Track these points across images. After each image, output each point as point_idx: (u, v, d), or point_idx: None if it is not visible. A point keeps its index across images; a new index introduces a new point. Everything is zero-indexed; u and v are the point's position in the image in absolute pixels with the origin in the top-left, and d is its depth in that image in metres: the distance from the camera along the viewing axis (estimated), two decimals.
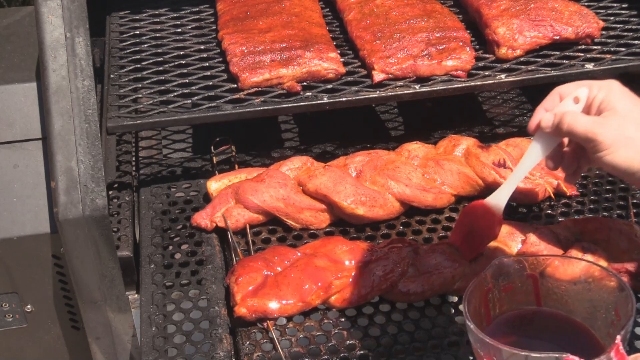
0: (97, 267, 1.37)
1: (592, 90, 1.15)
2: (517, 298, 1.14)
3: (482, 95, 2.00)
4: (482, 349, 1.01)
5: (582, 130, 1.11)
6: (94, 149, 1.35)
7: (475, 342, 1.03)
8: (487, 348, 0.99)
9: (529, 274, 1.13)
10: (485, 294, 1.11)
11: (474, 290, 1.08)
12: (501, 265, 1.12)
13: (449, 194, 1.50)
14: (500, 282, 1.12)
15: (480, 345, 1.01)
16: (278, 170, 1.50)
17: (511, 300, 1.13)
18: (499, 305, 1.13)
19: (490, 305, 1.12)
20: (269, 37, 1.60)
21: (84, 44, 1.40)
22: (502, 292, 1.13)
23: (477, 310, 1.08)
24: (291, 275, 1.28)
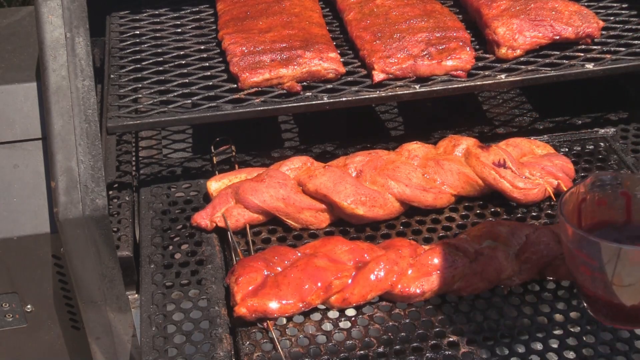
0: (97, 267, 1.37)
1: None
2: (610, 212, 1.17)
3: (482, 95, 2.00)
4: (580, 246, 1.04)
5: None
6: (94, 149, 1.35)
7: (570, 242, 1.06)
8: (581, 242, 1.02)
9: (623, 192, 1.16)
10: (578, 204, 1.14)
11: (569, 197, 1.12)
12: (598, 178, 1.15)
13: (449, 194, 1.50)
14: (595, 194, 1.15)
15: (576, 244, 1.04)
16: (278, 170, 1.50)
17: (603, 213, 1.16)
18: (591, 217, 1.15)
19: (582, 215, 1.15)
20: (269, 37, 1.60)
21: (84, 44, 1.40)
22: (596, 204, 1.15)
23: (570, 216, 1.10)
24: (291, 275, 1.28)
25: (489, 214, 1.50)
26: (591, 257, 1.03)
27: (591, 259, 1.03)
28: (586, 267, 1.05)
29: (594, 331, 1.25)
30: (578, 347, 1.23)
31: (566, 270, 1.33)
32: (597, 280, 1.06)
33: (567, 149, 1.68)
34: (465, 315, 1.29)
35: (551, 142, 1.67)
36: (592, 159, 1.65)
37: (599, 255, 1.02)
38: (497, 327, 1.27)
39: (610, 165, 1.62)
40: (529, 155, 1.57)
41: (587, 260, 1.04)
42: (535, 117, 1.88)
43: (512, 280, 1.33)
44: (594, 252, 1.03)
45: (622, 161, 1.63)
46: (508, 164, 1.48)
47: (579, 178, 1.58)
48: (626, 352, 1.22)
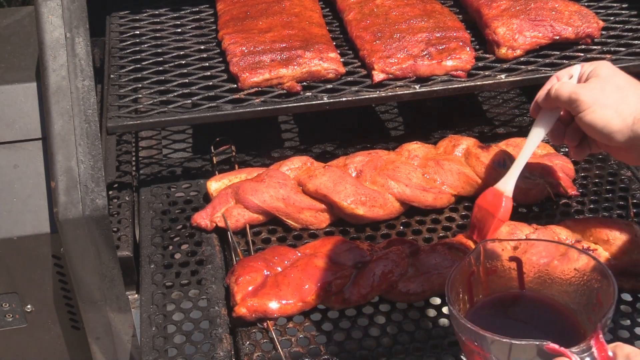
0: (97, 267, 1.37)
1: (584, 67, 1.26)
2: (501, 281, 1.14)
3: (482, 95, 2.00)
4: (465, 335, 1.00)
5: (566, 93, 1.21)
6: (94, 149, 1.35)
7: (457, 329, 1.02)
8: (470, 334, 0.99)
9: (513, 257, 1.14)
10: (468, 278, 1.11)
11: (457, 274, 1.08)
12: (485, 248, 1.13)
13: (449, 194, 1.50)
14: (484, 265, 1.13)
15: (462, 331, 1.01)
16: (278, 170, 1.50)
17: (495, 283, 1.14)
18: (483, 289, 1.13)
19: (474, 289, 1.12)
20: (269, 37, 1.60)
21: (84, 44, 1.40)
22: (486, 275, 1.13)
23: (460, 295, 1.08)
24: (291, 275, 1.28)
25: None
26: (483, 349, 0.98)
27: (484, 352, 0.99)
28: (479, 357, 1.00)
29: None
30: None
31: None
32: None
33: (567, 149, 1.67)
34: None
35: (551, 142, 1.67)
36: (592, 159, 1.65)
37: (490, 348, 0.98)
38: None
39: (610, 165, 1.63)
40: None
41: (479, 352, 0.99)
42: None
43: None
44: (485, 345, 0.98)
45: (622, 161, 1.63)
46: (508, 164, 1.48)
47: (579, 178, 1.59)
48: None
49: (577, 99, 1.19)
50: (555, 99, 1.23)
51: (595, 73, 1.22)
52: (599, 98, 1.17)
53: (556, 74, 1.29)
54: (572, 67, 1.27)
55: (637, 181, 1.58)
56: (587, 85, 1.21)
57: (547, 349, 0.92)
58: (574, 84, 1.23)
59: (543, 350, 0.92)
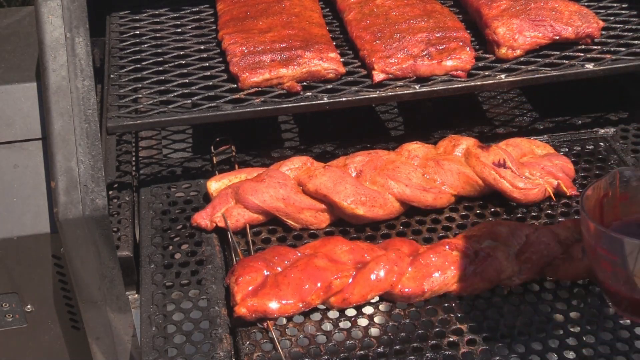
0: (97, 267, 1.37)
1: None
2: (632, 208, 1.15)
3: (482, 95, 2.00)
4: (601, 242, 1.03)
5: None
6: (94, 149, 1.35)
7: (592, 238, 1.05)
8: (602, 239, 1.02)
9: None
10: (600, 201, 1.13)
11: (591, 193, 1.10)
12: (620, 173, 1.14)
13: (449, 194, 1.50)
14: (617, 190, 1.14)
15: (597, 240, 1.04)
16: (278, 170, 1.50)
17: (626, 209, 1.15)
18: (613, 213, 1.14)
19: (604, 211, 1.13)
20: (269, 37, 1.60)
21: (84, 44, 1.40)
22: (618, 200, 1.14)
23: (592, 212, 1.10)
24: (291, 275, 1.28)
25: (489, 214, 1.50)
26: (612, 252, 1.03)
27: (612, 255, 1.03)
28: (607, 263, 1.05)
29: (593, 331, 1.25)
30: (578, 347, 1.23)
31: (566, 270, 1.33)
32: (618, 276, 1.06)
33: (567, 149, 1.68)
34: (465, 315, 1.29)
35: (551, 142, 1.67)
36: (592, 159, 1.65)
37: (621, 251, 1.02)
38: (497, 327, 1.27)
39: (610, 165, 1.63)
40: (529, 155, 1.57)
41: (608, 256, 1.04)
42: (535, 117, 1.88)
43: (512, 280, 1.33)
44: (615, 248, 1.02)
45: (622, 161, 1.63)
46: (508, 164, 1.48)
47: (579, 178, 1.59)
48: (626, 352, 1.22)
49: None
50: None
51: None
52: None
53: None
54: None
55: None
56: None
57: None
58: None
59: None
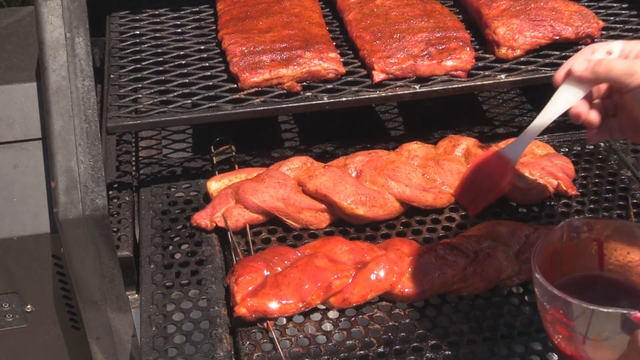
0: (97, 267, 1.37)
1: (626, 45, 1.15)
2: (582, 261, 1.13)
3: (482, 95, 2.00)
4: (550, 303, 1.01)
5: (621, 68, 1.09)
6: (94, 149, 1.35)
7: (542, 296, 1.03)
8: (555, 302, 0.99)
9: (595, 237, 1.12)
10: (551, 254, 1.10)
11: (542, 248, 1.08)
12: (569, 226, 1.12)
13: (449, 194, 1.50)
14: (567, 243, 1.12)
15: (548, 299, 1.01)
16: (278, 170, 1.50)
17: (575, 262, 1.13)
18: (564, 267, 1.12)
19: (555, 266, 1.11)
20: (269, 37, 1.60)
21: (84, 44, 1.40)
22: (568, 253, 1.12)
23: (542, 269, 1.07)
24: (291, 275, 1.28)
25: (489, 214, 1.50)
26: (567, 316, 1.00)
27: (567, 319, 1.00)
28: (562, 326, 1.02)
29: None
30: None
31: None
32: (573, 340, 1.02)
33: (567, 149, 1.68)
34: (465, 315, 1.29)
35: (551, 142, 1.67)
36: (592, 159, 1.65)
37: (574, 315, 0.99)
38: (497, 327, 1.27)
39: (611, 165, 1.63)
40: (529, 155, 1.57)
41: (562, 320, 1.00)
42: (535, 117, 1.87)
43: (512, 280, 1.33)
44: (568, 312, 0.99)
45: (622, 161, 1.63)
46: None
47: (579, 178, 1.59)
48: None
49: (635, 73, 1.07)
50: (605, 73, 1.11)
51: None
52: None
53: (590, 46, 1.17)
54: (610, 43, 1.15)
55: (637, 181, 1.58)
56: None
57: (634, 318, 0.92)
58: (626, 61, 1.10)
59: (629, 319, 0.92)
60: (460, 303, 1.32)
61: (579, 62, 1.15)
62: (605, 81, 1.15)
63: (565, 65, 1.18)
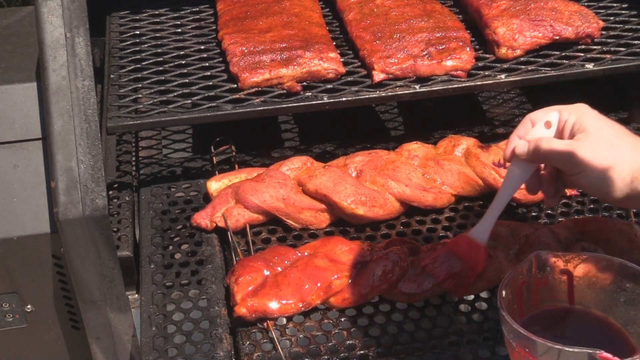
0: (97, 267, 1.37)
1: (562, 115, 1.16)
2: (551, 294, 1.12)
3: (482, 95, 2.00)
4: (516, 341, 1.00)
5: (558, 154, 1.12)
6: (94, 149, 1.35)
7: (508, 333, 1.02)
8: (521, 340, 0.99)
9: (564, 270, 1.12)
10: (519, 287, 1.10)
11: (509, 282, 1.07)
12: (537, 258, 1.11)
13: (449, 194, 1.50)
14: (535, 276, 1.11)
15: (513, 337, 1.01)
16: (278, 170, 1.50)
17: (545, 295, 1.12)
18: (533, 300, 1.11)
19: (524, 299, 1.10)
20: (269, 37, 1.60)
21: (84, 44, 1.40)
22: (537, 286, 1.11)
23: (511, 303, 1.06)
24: (291, 275, 1.28)
25: None
26: (533, 355, 0.99)
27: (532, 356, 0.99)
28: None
29: None
30: None
31: None
32: None
33: None
34: (465, 315, 1.29)
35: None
36: None
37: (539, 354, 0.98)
38: (497, 327, 1.27)
39: None
40: None
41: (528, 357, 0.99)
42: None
43: None
44: (534, 351, 0.98)
45: None
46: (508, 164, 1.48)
47: None
48: None
49: (572, 160, 1.10)
50: (545, 158, 1.15)
51: (582, 127, 1.12)
52: (594, 158, 1.08)
53: (529, 117, 1.19)
54: (548, 114, 1.17)
55: None
56: (579, 144, 1.10)
57: (599, 358, 0.91)
58: (563, 142, 1.12)
59: (595, 359, 0.92)
60: (460, 303, 1.32)
61: (520, 143, 1.17)
62: (547, 163, 1.17)
63: (510, 142, 1.19)
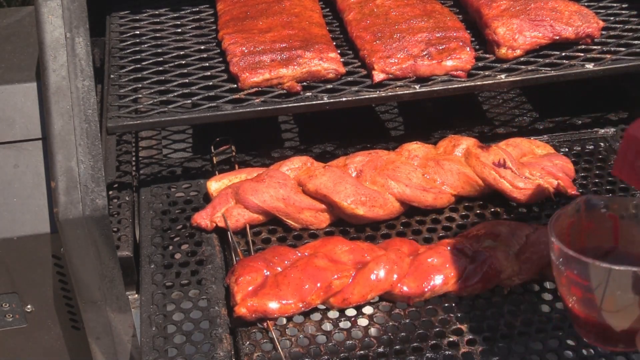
0: (97, 267, 1.37)
1: None
2: (597, 236, 1.15)
3: (482, 95, 2.00)
4: (565, 265, 1.03)
5: None
6: (94, 149, 1.35)
7: (557, 259, 1.05)
8: (570, 263, 1.02)
9: (611, 215, 1.14)
10: (568, 226, 1.12)
11: (559, 217, 1.10)
12: (587, 201, 1.14)
13: (449, 194, 1.50)
14: (583, 217, 1.14)
15: (563, 261, 1.04)
16: (278, 170, 1.50)
17: (591, 237, 1.14)
18: (579, 240, 1.14)
19: (571, 238, 1.13)
20: (269, 37, 1.60)
21: (84, 44, 1.40)
22: (584, 227, 1.14)
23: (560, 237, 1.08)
24: (291, 275, 1.28)
25: (489, 214, 1.50)
26: (582, 277, 1.02)
27: (582, 279, 1.02)
28: (577, 288, 1.04)
29: None
30: (577, 347, 1.23)
31: None
32: (587, 302, 1.05)
33: (567, 149, 1.68)
34: (465, 315, 1.29)
35: (551, 142, 1.67)
36: (592, 159, 1.65)
37: (589, 276, 1.01)
38: (497, 327, 1.27)
39: (610, 165, 1.63)
40: (529, 155, 1.57)
41: (578, 281, 1.03)
42: (535, 117, 1.88)
43: (512, 280, 1.33)
44: (584, 273, 1.02)
45: None
46: (508, 164, 1.48)
47: (579, 178, 1.59)
48: (626, 353, 1.22)
49: None
50: None
51: None
52: None
53: None
54: None
55: None
56: None
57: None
58: None
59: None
60: (460, 303, 1.32)
61: None
62: None
63: None
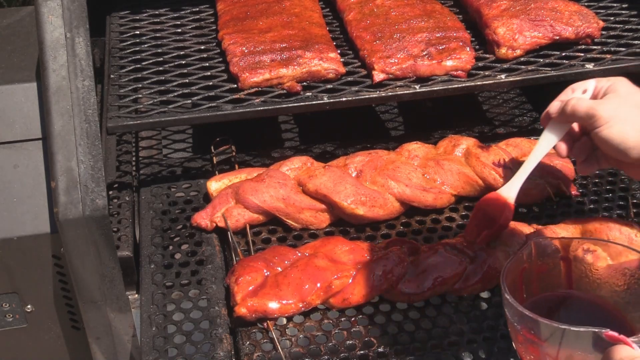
0: (97, 267, 1.37)
1: (599, 82, 1.25)
2: (551, 280, 1.14)
3: (482, 95, 2.00)
4: (520, 324, 1.02)
5: (584, 109, 1.20)
6: (94, 149, 1.35)
7: (512, 317, 1.03)
8: (526, 322, 1.00)
9: (562, 256, 1.14)
10: (520, 273, 1.12)
11: (511, 267, 1.09)
12: (537, 245, 1.13)
13: (449, 194, 1.50)
14: (535, 262, 1.13)
15: (518, 320, 1.02)
16: (278, 170, 1.50)
17: (544, 281, 1.14)
18: (533, 285, 1.13)
19: (524, 285, 1.12)
20: (269, 37, 1.60)
21: (84, 44, 1.40)
22: (536, 272, 1.13)
23: (513, 289, 1.08)
24: (291, 275, 1.28)
25: None
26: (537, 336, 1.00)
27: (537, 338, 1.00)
28: (533, 347, 1.02)
29: None
30: None
31: None
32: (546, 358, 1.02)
33: None
34: (465, 315, 1.30)
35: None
36: None
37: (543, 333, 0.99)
38: (497, 327, 1.27)
39: None
40: None
41: (533, 340, 1.01)
42: (535, 117, 1.88)
43: None
44: (538, 331, 0.99)
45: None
46: (508, 164, 1.48)
47: (579, 178, 1.59)
48: None
49: (595, 115, 1.18)
50: (572, 115, 1.22)
51: (613, 89, 1.21)
52: (616, 114, 1.17)
53: (571, 86, 1.28)
54: (587, 82, 1.26)
55: (637, 181, 1.58)
56: (604, 101, 1.20)
57: (605, 336, 0.92)
58: (590, 101, 1.22)
59: (600, 338, 0.92)
60: (460, 303, 1.32)
61: (554, 104, 1.27)
62: (574, 121, 1.25)
63: (550, 106, 1.29)
